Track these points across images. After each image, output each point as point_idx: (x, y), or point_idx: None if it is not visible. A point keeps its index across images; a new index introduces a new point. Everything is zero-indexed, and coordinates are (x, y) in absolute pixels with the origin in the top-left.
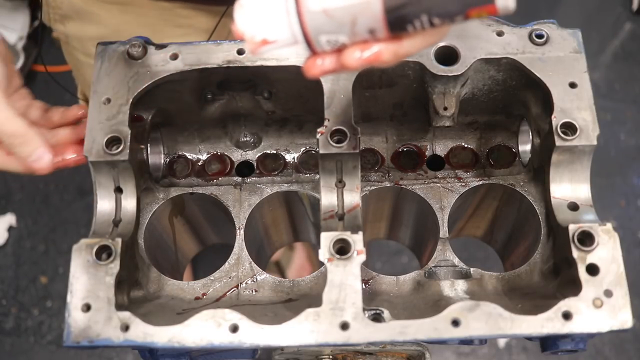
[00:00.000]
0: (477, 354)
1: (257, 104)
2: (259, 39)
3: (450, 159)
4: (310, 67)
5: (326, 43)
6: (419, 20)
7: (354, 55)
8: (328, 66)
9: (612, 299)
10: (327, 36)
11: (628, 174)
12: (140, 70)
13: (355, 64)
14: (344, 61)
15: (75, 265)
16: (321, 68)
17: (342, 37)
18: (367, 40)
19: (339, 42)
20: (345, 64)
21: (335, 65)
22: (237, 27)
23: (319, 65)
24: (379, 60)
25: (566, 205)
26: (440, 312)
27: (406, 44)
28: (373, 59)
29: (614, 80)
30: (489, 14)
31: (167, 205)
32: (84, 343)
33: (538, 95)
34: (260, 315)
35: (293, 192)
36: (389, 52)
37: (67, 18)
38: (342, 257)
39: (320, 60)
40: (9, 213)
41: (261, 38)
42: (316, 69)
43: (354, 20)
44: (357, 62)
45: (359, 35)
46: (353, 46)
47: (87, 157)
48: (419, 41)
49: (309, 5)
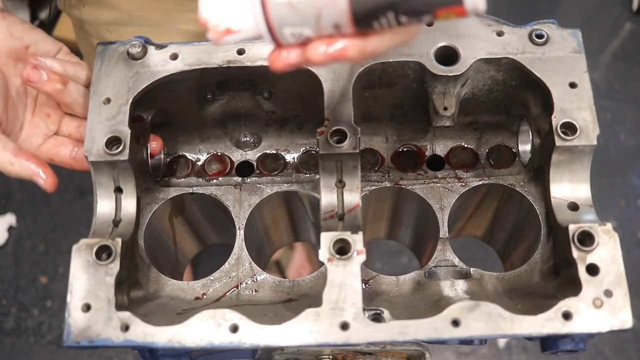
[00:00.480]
0: (477, 354)
1: (257, 104)
2: (223, 27)
3: (450, 159)
4: (275, 60)
5: (290, 36)
6: (386, 17)
7: (318, 50)
8: (292, 59)
9: (612, 299)
10: (292, 29)
11: (628, 174)
12: (140, 70)
13: (320, 59)
14: (308, 55)
15: (75, 265)
16: (285, 61)
17: (306, 31)
18: (332, 35)
19: (303, 35)
20: (310, 58)
21: (300, 59)
22: (201, 14)
23: (283, 58)
24: (344, 56)
25: (566, 205)
26: (440, 312)
27: (373, 41)
28: (338, 54)
29: (614, 80)
30: (458, 15)
31: (167, 205)
32: (84, 343)
33: (538, 95)
34: (260, 315)
35: (293, 192)
36: (354, 48)
37: (82, 2)
38: (342, 257)
39: (285, 53)
40: (9, 213)
41: (225, 27)
42: (280, 62)
43: (318, 14)
44: (322, 56)
45: (324, 30)
46: (318, 40)
47: (87, 157)
48: (386, 39)
49: None
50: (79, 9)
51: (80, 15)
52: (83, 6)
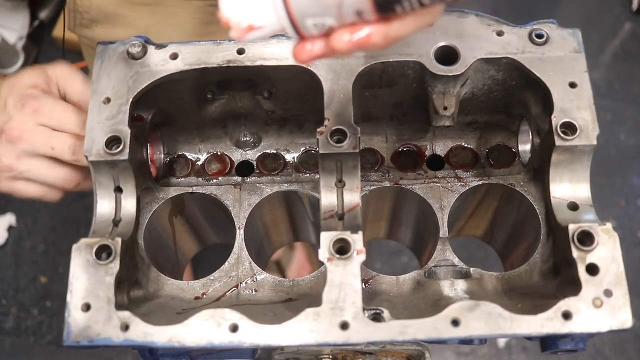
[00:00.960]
0: (477, 354)
1: (257, 104)
2: (245, 25)
3: (451, 159)
4: (300, 53)
5: (313, 27)
6: (408, 0)
7: (343, 39)
8: (317, 51)
9: (612, 299)
10: (314, 20)
11: (628, 174)
12: (141, 70)
13: (345, 48)
14: (333, 45)
15: (75, 265)
16: (310, 53)
17: (329, 20)
18: (355, 23)
19: (326, 25)
20: (335, 47)
21: (325, 50)
22: (223, 14)
23: (308, 51)
24: (369, 43)
25: (566, 205)
26: (440, 312)
27: (397, 26)
28: (363, 41)
29: (614, 80)
30: None
31: (167, 205)
32: (84, 343)
33: (538, 95)
34: (260, 315)
35: (293, 192)
36: (379, 34)
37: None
38: (342, 257)
39: (309, 45)
40: (9, 213)
41: (247, 24)
42: (305, 54)
43: (340, 2)
44: (347, 45)
45: (346, 18)
46: (342, 29)
47: (87, 157)
48: (410, 23)
49: None
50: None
51: (93, 36)
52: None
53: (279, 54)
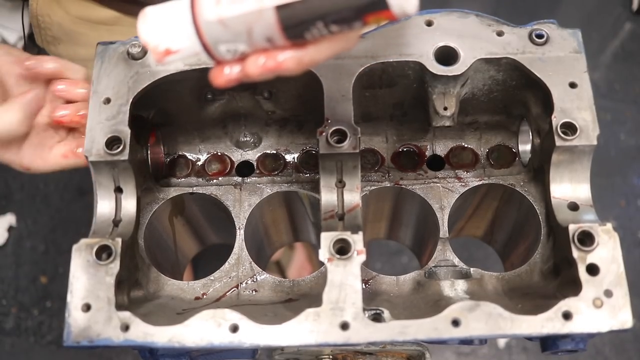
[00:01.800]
0: (477, 354)
1: (257, 104)
2: (162, 48)
3: (451, 159)
4: (216, 77)
5: (226, 52)
6: (316, 27)
7: (257, 63)
8: (233, 75)
9: (612, 299)
10: (227, 45)
11: (628, 174)
12: (140, 70)
13: (257, 72)
14: (246, 70)
15: (75, 265)
16: (227, 77)
17: (241, 46)
18: (269, 49)
19: (239, 50)
20: (248, 72)
21: (240, 74)
22: (141, 37)
23: (226, 75)
24: (282, 68)
25: (566, 205)
26: (440, 312)
27: (311, 51)
28: (275, 67)
29: (614, 80)
30: (389, 19)
31: (167, 205)
32: (84, 343)
33: (538, 95)
34: (260, 315)
35: (293, 192)
36: (292, 59)
37: (57, 40)
38: (342, 257)
39: (227, 69)
40: (9, 213)
41: (164, 48)
42: (221, 78)
43: (249, 29)
44: (259, 70)
45: (258, 44)
46: (255, 54)
47: (87, 157)
48: (324, 48)
49: (205, 15)
50: (56, 46)
51: (58, 52)
52: (59, 43)
53: None
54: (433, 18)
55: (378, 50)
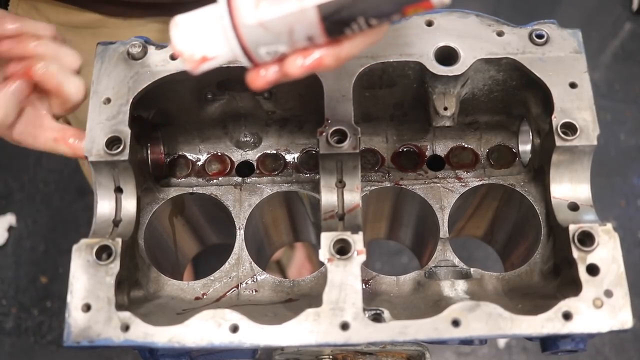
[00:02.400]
0: (477, 354)
1: (257, 104)
2: (199, 56)
3: (451, 159)
4: (254, 79)
5: (266, 54)
6: (356, 22)
7: (296, 63)
8: (271, 77)
9: (612, 299)
10: (267, 47)
11: (628, 174)
12: (140, 70)
13: (298, 72)
14: (286, 70)
15: (75, 265)
16: (265, 79)
17: (281, 47)
18: (307, 47)
19: (279, 52)
20: (288, 72)
21: (278, 75)
22: (175, 46)
23: (262, 77)
24: (321, 65)
25: (566, 205)
26: (440, 312)
27: (347, 47)
28: (315, 64)
29: (614, 80)
30: (425, 9)
31: (167, 205)
32: (84, 343)
33: (538, 95)
34: (260, 315)
35: (293, 192)
36: (330, 56)
37: None
38: (342, 257)
39: (263, 71)
40: (9, 213)
41: (200, 56)
42: (260, 81)
43: (291, 30)
44: (300, 69)
45: (298, 44)
46: (294, 54)
47: (87, 157)
48: (359, 42)
49: (244, 19)
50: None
51: None
52: None
53: None
54: (433, 18)
55: (378, 50)
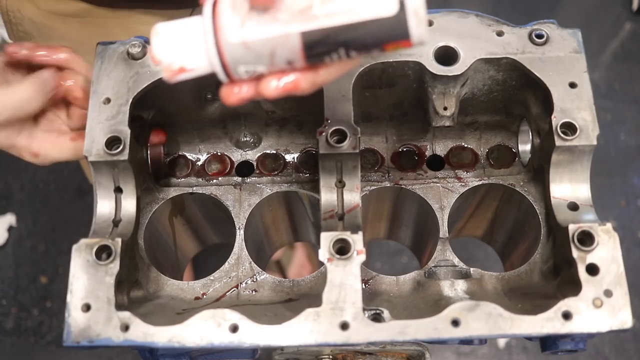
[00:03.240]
0: (477, 354)
1: (257, 104)
2: (177, 67)
3: (450, 159)
4: (228, 95)
5: (244, 73)
6: (337, 53)
7: (271, 84)
8: (245, 94)
9: (612, 299)
10: (246, 67)
11: (628, 174)
12: (140, 70)
13: (273, 93)
14: (261, 90)
15: (75, 265)
16: (238, 96)
17: (260, 68)
18: (284, 70)
19: (257, 72)
20: (263, 92)
21: (252, 94)
22: (154, 54)
23: (236, 94)
24: (296, 88)
25: (566, 205)
26: (440, 312)
27: (323, 73)
28: (291, 87)
29: (614, 80)
30: (405, 47)
31: (167, 205)
32: (84, 343)
33: (538, 95)
34: (260, 315)
35: (293, 192)
36: (306, 81)
37: (29, 35)
38: (342, 257)
39: (237, 89)
40: (9, 213)
41: (178, 66)
42: (233, 97)
43: (272, 52)
44: (275, 91)
45: (277, 66)
46: (271, 75)
47: (87, 157)
48: (335, 70)
49: (228, 37)
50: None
51: None
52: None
53: None
54: (433, 18)
55: None
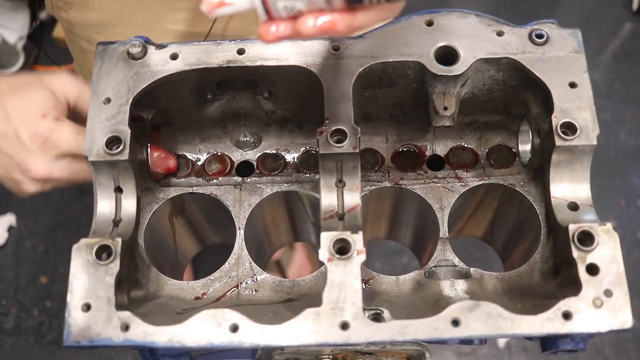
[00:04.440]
0: (477, 354)
1: (257, 104)
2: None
3: (450, 159)
4: (265, 33)
5: (283, 9)
6: None
7: (308, 23)
8: (283, 32)
9: (612, 298)
10: (285, 2)
11: (628, 174)
12: (140, 70)
13: (310, 31)
14: (299, 28)
15: (75, 265)
16: (276, 34)
17: (299, 4)
18: (322, 9)
19: (295, 9)
20: (301, 30)
21: (290, 32)
22: None
23: (274, 32)
24: (333, 29)
25: (566, 205)
26: (440, 312)
27: (360, 16)
28: (327, 27)
29: (614, 80)
30: None
31: (167, 205)
32: (84, 343)
33: (538, 95)
34: (260, 315)
35: (293, 192)
36: (343, 22)
37: (69, 5)
38: (342, 257)
39: (274, 27)
40: (9, 213)
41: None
42: (271, 35)
43: None
44: (312, 29)
45: (315, 4)
46: (309, 14)
47: (87, 157)
48: (373, 14)
49: None
50: (67, 11)
51: (69, 18)
52: (70, 8)
53: (279, 54)
54: (433, 18)
55: (378, 50)
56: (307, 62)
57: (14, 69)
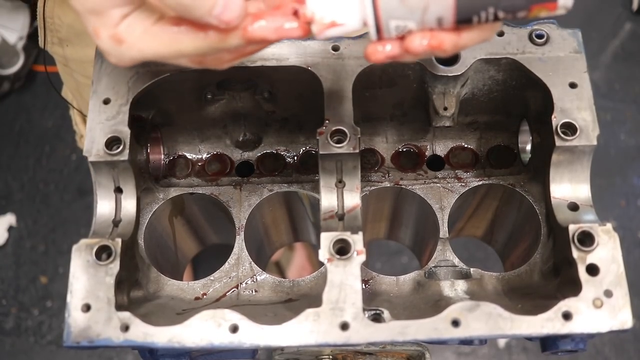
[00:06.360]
0: (477, 354)
1: (257, 104)
2: (328, 20)
3: (450, 159)
4: (374, 52)
5: (394, 29)
6: (486, 12)
7: (417, 42)
8: (391, 52)
9: (612, 299)
10: (397, 22)
11: (628, 174)
12: (140, 70)
13: (419, 50)
14: (408, 47)
15: (75, 265)
16: (384, 54)
17: (410, 24)
18: (432, 29)
19: (407, 28)
20: (410, 49)
21: (398, 52)
22: (308, 7)
23: (381, 51)
24: (440, 48)
25: (566, 205)
26: (440, 312)
27: (465, 36)
28: (436, 46)
29: (614, 80)
30: (549, 11)
31: (167, 205)
32: (84, 343)
33: (538, 95)
34: (260, 316)
35: (293, 192)
36: (450, 41)
37: (66, 41)
38: (342, 257)
39: (381, 47)
40: (9, 213)
41: (330, 20)
42: (379, 55)
43: (425, 7)
44: (421, 48)
45: (427, 23)
46: (420, 33)
47: (87, 158)
48: (475, 34)
49: None
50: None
51: (65, 54)
52: (67, 45)
53: (279, 54)
54: None
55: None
56: (307, 62)
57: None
